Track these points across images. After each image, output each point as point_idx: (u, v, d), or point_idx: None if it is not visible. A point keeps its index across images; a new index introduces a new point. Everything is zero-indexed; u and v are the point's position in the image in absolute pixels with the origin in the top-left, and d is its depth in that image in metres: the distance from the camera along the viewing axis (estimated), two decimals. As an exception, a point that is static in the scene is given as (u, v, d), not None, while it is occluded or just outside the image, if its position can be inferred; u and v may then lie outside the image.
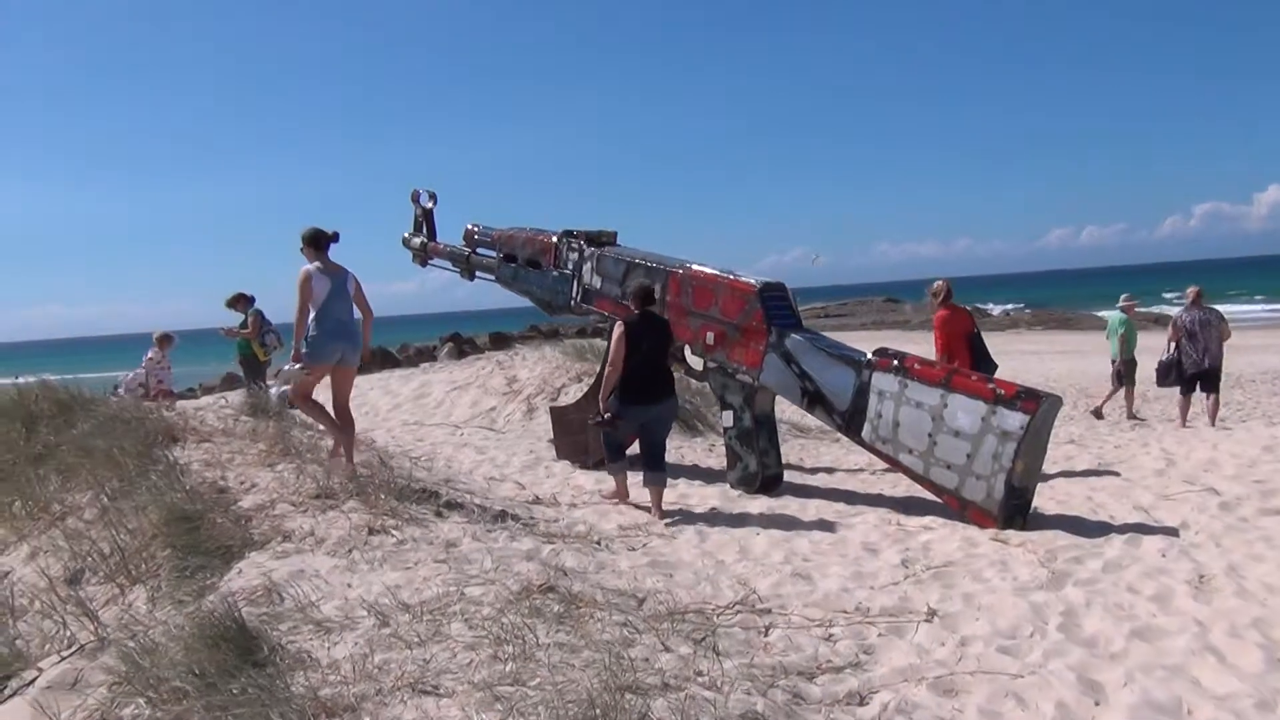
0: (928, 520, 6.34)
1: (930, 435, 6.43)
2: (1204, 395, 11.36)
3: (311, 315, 6.41)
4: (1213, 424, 11.11)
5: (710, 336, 7.62)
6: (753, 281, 7.43)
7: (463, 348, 27.79)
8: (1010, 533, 5.92)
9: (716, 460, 9.34)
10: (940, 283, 9.31)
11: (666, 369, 6.94)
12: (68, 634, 4.71)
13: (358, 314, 6.73)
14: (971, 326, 9.00)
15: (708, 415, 11.17)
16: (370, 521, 5.52)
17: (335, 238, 6.64)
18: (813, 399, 7.09)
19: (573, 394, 11.56)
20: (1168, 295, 56.59)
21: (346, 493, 5.91)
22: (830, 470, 8.98)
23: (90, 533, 5.74)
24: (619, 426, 6.78)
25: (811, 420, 9.90)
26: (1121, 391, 12.73)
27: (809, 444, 10.40)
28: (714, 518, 6.69)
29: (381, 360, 25.21)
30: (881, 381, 6.71)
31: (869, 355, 6.89)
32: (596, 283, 8.52)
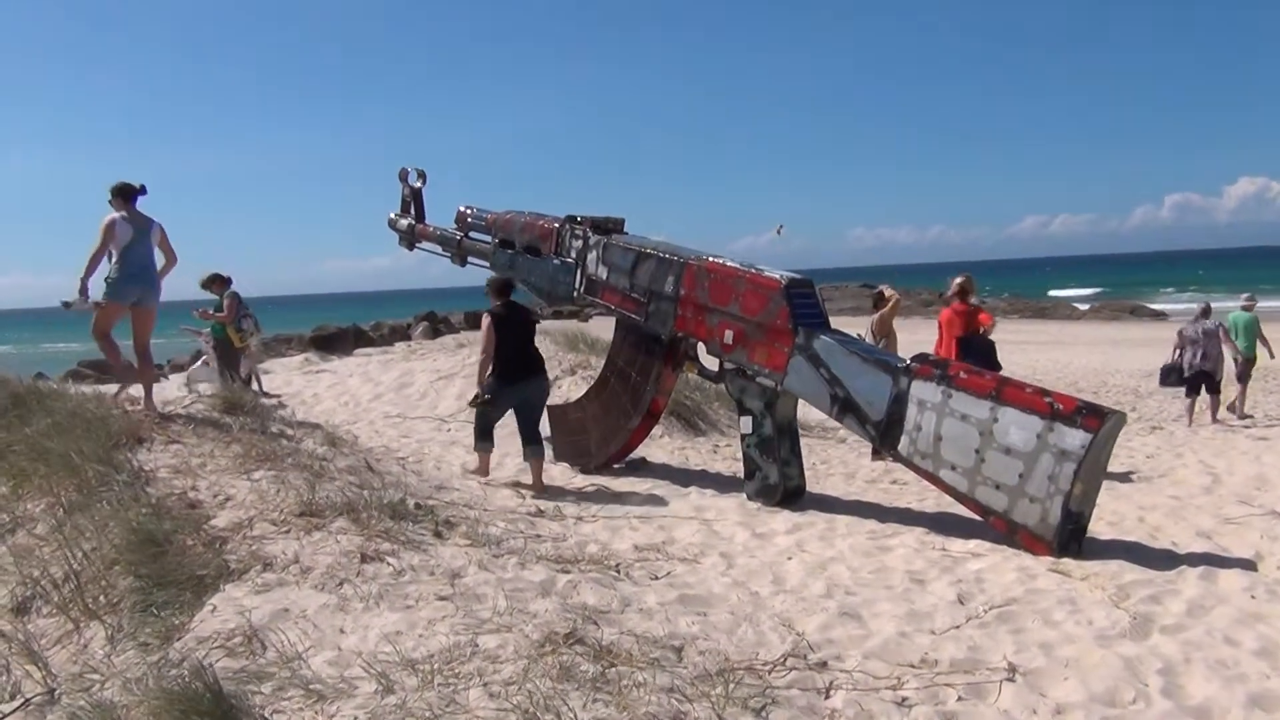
0: (974, 545, 5.77)
1: (977, 451, 5.86)
2: (1207, 395, 12.10)
3: (115, 259, 6.96)
4: (1214, 420, 11.86)
5: (728, 335, 7.00)
6: (778, 277, 6.80)
7: (437, 326, 27.12)
8: (1070, 563, 5.37)
9: (724, 463, 8.77)
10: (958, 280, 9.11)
11: (535, 352, 7.47)
12: (10, 681, 4.07)
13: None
14: (967, 328, 8.81)
15: (709, 412, 10.57)
16: (362, 546, 4.88)
17: (143, 190, 7.17)
18: (843, 407, 6.48)
19: (566, 387, 10.92)
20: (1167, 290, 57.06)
21: (334, 510, 5.27)
22: (847, 476, 8.44)
23: (42, 551, 5.07)
24: (496, 406, 7.35)
25: (813, 416, 9.32)
26: (1240, 387, 12.70)
27: (815, 444, 9.84)
28: (736, 537, 6.10)
29: (355, 339, 24.52)
30: (922, 390, 6.12)
31: (908, 361, 6.31)
32: (602, 273, 7.86)
